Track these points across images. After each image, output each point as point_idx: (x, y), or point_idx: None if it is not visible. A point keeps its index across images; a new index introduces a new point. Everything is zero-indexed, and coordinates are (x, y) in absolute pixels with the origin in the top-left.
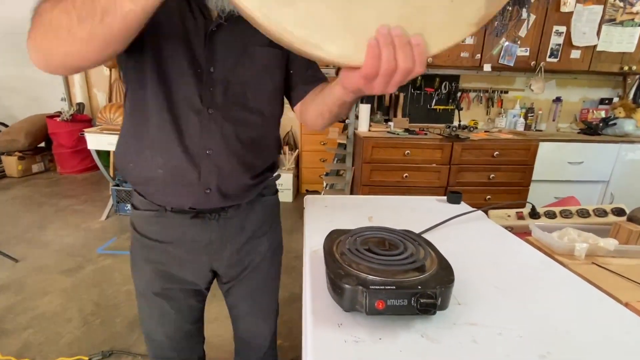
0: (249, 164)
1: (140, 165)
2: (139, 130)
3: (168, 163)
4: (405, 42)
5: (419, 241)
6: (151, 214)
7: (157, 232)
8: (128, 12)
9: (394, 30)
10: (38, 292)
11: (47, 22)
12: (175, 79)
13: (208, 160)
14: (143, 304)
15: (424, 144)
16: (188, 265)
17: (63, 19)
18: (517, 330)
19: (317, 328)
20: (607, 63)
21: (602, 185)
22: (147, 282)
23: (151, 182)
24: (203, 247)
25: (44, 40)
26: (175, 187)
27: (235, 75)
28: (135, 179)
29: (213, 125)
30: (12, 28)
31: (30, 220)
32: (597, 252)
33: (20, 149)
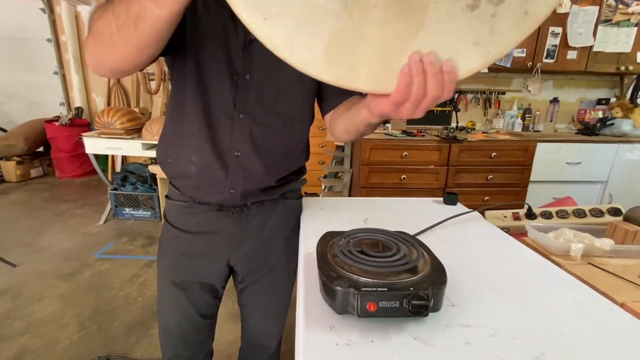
0: (276, 167)
1: (177, 161)
2: (177, 129)
3: (200, 161)
4: (437, 69)
5: (413, 242)
6: (181, 205)
7: (184, 222)
8: (157, 17)
9: (427, 58)
10: (35, 297)
11: (96, 31)
12: (212, 84)
13: (236, 162)
14: (162, 291)
15: (422, 146)
16: (208, 257)
17: (106, 27)
18: (511, 331)
19: (309, 331)
20: (603, 63)
21: (600, 185)
22: (168, 271)
23: (185, 177)
24: (223, 239)
25: (94, 47)
26: (204, 184)
27: (269, 83)
28: (172, 173)
29: (243, 129)
30: (11, 33)
31: (28, 225)
32: (593, 253)
33: (18, 153)
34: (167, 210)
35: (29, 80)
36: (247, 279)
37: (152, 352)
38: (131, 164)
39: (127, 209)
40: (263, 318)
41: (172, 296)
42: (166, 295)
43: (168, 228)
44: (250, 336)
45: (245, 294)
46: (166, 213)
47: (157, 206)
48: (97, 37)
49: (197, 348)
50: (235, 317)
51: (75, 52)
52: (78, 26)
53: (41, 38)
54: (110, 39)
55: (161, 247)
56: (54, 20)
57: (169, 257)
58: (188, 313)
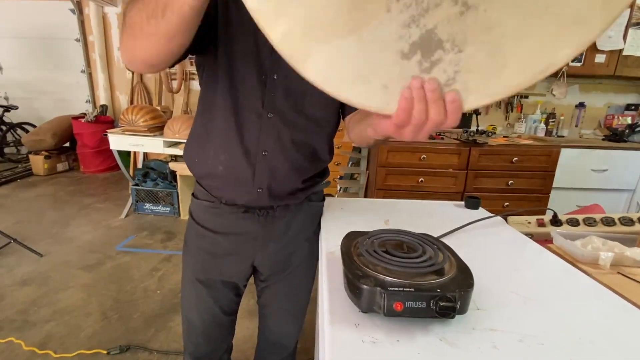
0: (301, 168)
1: (204, 160)
2: (205, 129)
3: (228, 161)
4: (438, 97)
5: (438, 245)
6: (208, 204)
7: (211, 222)
8: (182, 4)
9: (428, 84)
10: (60, 286)
11: (128, 24)
12: (242, 82)
13: (263, 161)
14: (186, 287)
15: (441, 149)
16: (233, 257)
17: (137, 19)
18: (538, 337)
19: (334, 327)
20: (634, 68)
21: (627, 194)
22: (194, 268)
23: (212, 176)
24: (249, 240)
25: (127, 40)
26: (231, 184)
27: (296, 83)
28: (199, 172)
29: (271, 128)
30: (42, 33)
31: (54, 217)
32: (623, 262)
33: (46, 148)
34: (193, 209)
35: (58, 78)
36: (270, 279)
37: (169, 343)
38: (152, 160)
39: (147, 204)
40: (283, 318)
41: (196, 293)
42: (190, 292)
43: (194, 226)
44: (268, 335)
45: (266, 294)
46: (192, 211)
47: (176, 202)
48: (130, 29)
49: (218, 344)
50: (250, 314)
51: (101, 52)
52: (105, 27)
53: (70, 38)
54: (141, 30)
55: (186, 244)
56: (83, 20)
57: (194, 255)
58: (211, 310)
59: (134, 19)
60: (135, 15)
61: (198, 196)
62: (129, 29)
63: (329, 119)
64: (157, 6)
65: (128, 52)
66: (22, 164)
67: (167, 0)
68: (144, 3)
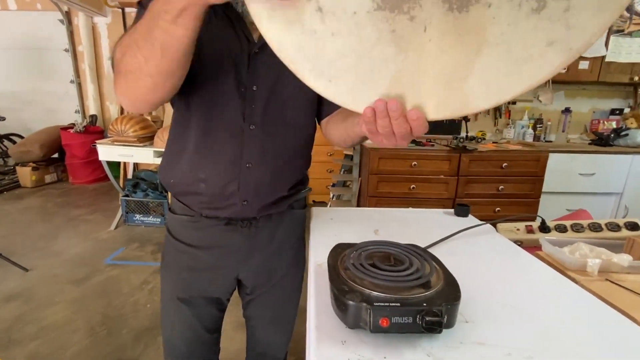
0: (285, 176)
1: (181, 181)
2: (180, 148)
3: (210, 178)
4: (399, 115)
5: (425, 256)
6: (187, 219)
7: (190, 237)
8: (181, 37)
9: (390, 104)
10: (47, 301)
11: (123, 71)
12: (219, 97)
13: (248, 173)
14: (166, 307)
15: (431, 155)
16: (215, 272)
17: (134, 63)
18: (526, 350)
19: (320, 345)
20: (616, 74)
21: (615, 197)
22: (174, 286)
23: (194, 194)
24: (232, 253)
25: (125, 86)
26: (216, 199)
27: (275, 93)
28: (179, 192)
29: (254, 140)
30: (30, 44)
31: (41, 229)
32: (610, 268)
33: (34, 159)
34: (171, 224)
35: (46, 88)
36: (255, 291)
37: (159, 359)
38: (142, 171)
39: (137, 215)
40: (271, 330)
41: (178, 312)
42: (171, 311)
43: (172, 242)
44: (257, 348)
45: (252, 306)
46: (169, 227)
47: (167, 213)
48: (128, 75)
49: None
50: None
51: (91, 62)
52: (94, 37)
53: (59, 48)
54: (141, 72)
55: (164, 261)
56: (72, 31)
57: (173, 273)
58: (194, 329)
59: (130, 65)
60: (131, 61)
61: (176, 211)
62: (126, 75)
63: (309, 123)
64: (153, 47)
65: (130, 95)
66: (9, 176)
67: (163, 40)
68: (137, 47)
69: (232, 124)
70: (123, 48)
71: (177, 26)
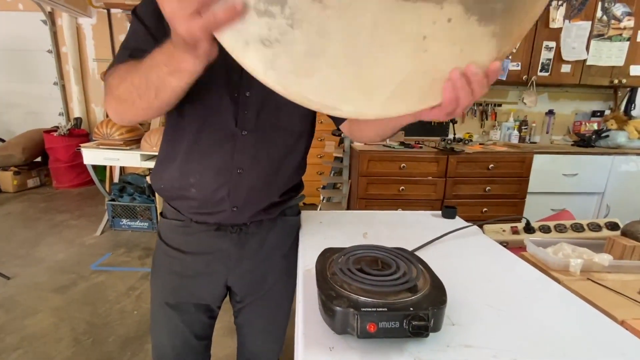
0: (277, 183)
1: (172, 185)
2: (172, 153)
3: (200, 183)
4: (482, 76)
5: (412, 259)
6: (177, 224)
7: (180, 242)
8: (176, 87)
9: (469, 70)
10: (29, 310)
11: (117, 96)
12: (213, 103)
13: (239, 179)
14: (155, 313)
15: (420, 157)
16: (205, 278)
17: (128, 96)
18: (512, 352)
19: (308, 351)
20: (597, 77)
21: (597, 196)
22: (163, 292)
23: (183, 198)
24: (221, 259)
25: (117, 107)
26: (206, 204)
27: (269, 98)
28: (169, 196)
29: (246, 146)
30: (12, 45)
31: (24, 236)
32: (592, 268)
33: (16, 163)
34: (162, 229)
35: (29, 90)
36: (246, 298)
37: None
38: (129, 174)
39: (124, 220)
40: (262, 338)
41: (166, 318)
42: (160, 317)
43: (163, 247)
44: (248, 356)
45: (243, 314)
46: (161, 232)
47: (154, 217)
48: (120, 101)
49: None
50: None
51: (75, 64)
52: (79, 38)
53: (42, 49)
54: (133, 104)
55: (155, 266)
56: (55, 31)
57: (163, 278)
58: (183, 335)
59: (124, 95)
60: (125, 92)
61: (167, 215)
62: (119, 100)
63: (304, 131)
64: (148, 89)
65: (119, 116)
66: None
67: (158, 85)
68: (133, 84)
69: (225, 130)
70: (120, 76)
71: (174, 78)
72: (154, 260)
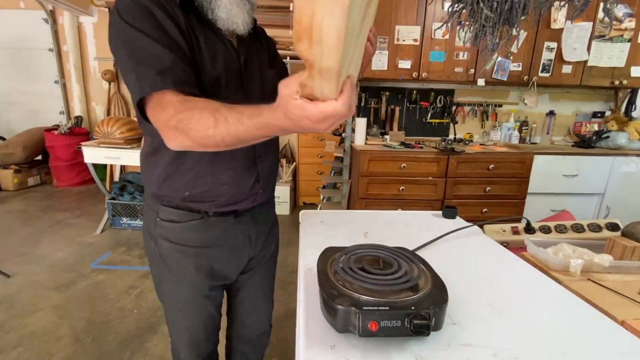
0: (278, 161)
1: (199, 189)
2: (188, 163)
3: (234, 178)
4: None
5: (413, 259)
6: (194, 223)
7: (201, 238)
8: (262, 138)
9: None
10: (29, 308)
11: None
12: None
13: (260, 166)
14: (182, 307)
15: (420, 157)
16: (233, 261)
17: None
18: (512, 351)
19: (309, 350)
20: (598, 77)
21: (597, 197)
22: (194, 288)
23: (210, 199)
24: (244, 240)
25: (183, 141)
26: (237, 195)
27: (265, 95)
28: (189, 201)
29: None
30: (13, 43)
31: (24, 234)
32: (592, 268)
33: (17, 162)
34: (171, 233)
35: (30, 89)
36: (257, 265)
37: None
38: (130, 173)
39: (124, 218)
40: (264, 298)
41: (201, 307)
42: (193, 309)
43: (179, 249)
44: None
45: (252, 278)
46: (169, 237)
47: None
48: (196, 144)
49: (215, 340)
50: None
51: (76, 62)
52: (80, 36)
53: (43, 47)
54: (215, 147)
55: (170, 270)
56: (56, 30)
57: (190, 276)
58: (212, 316)
59: (206, 142)
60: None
61: (179, 219)
62: (192, 140)
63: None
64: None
65: (179, 144)
66: None
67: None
68: (223, 140)
69: None
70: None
71: (265, 133)
72: (169, 265)
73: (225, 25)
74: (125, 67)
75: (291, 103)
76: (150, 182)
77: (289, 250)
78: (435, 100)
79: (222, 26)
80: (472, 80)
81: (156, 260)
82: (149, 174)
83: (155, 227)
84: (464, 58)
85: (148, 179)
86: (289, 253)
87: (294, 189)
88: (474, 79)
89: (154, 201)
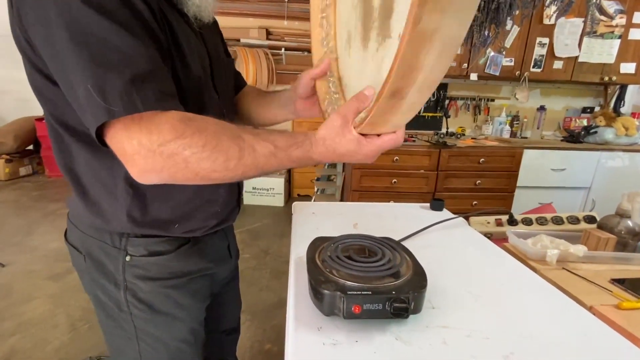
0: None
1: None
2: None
3: (225, 195)
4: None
5: (397, 248)
6: (181, 251)
7: (189, 265)
8: (284, 169)
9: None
10: (25, 297)
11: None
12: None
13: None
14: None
15: (413, 151)
16: (222, 273)
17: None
18: (484, 332)
19: (298, 332)
20: (588, 73)
21: (584, 191)
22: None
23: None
24: (227, 251)
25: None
26: (226, 207)
27: (227, 92)
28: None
29: None
30: (3, 30)
31: (17, 224)
32: (567, 258)
33: (8, 151)
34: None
35: (20, 77)
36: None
37: None
38: None
39: None
40: (236, 300)
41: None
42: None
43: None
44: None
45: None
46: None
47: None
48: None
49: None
50: None
51: None
52: None
53: None
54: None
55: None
56: None
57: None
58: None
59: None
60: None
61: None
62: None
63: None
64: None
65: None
66: None
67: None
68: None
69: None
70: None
71: (292, 164)
72: (154, 311)
73: (195, 12)
74: (67, 66)
75: (345, 137)
76: (111, 213)
77: (283, 241)
78: None
79: (190, 12)
80: (465, 74)
81: (125, 315)
82: (105, 203)
83: (125, 270)
84: (458, 52)
85: (105, 208)
86: (283, 244)
87: (288, 181)
88: (467, 73)
89: (117, 238)
